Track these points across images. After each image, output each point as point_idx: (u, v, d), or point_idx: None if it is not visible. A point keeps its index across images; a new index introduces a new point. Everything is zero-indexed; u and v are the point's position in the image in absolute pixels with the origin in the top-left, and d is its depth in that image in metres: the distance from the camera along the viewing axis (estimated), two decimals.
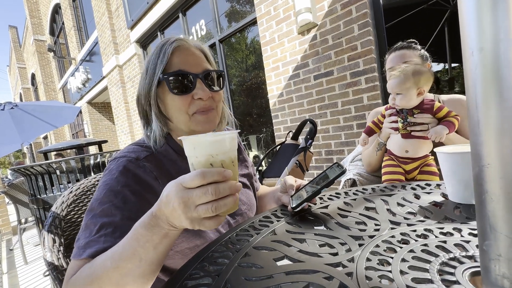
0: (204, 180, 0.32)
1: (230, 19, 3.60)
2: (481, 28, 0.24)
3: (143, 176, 0.52)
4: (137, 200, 0.49)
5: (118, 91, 5.65)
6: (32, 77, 14.80)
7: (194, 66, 0.56)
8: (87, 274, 0.40)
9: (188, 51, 0.57)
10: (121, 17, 5.22)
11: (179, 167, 0.58)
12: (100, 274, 0.39)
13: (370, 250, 0.39)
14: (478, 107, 0.25)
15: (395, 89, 0.91)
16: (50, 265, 0.64)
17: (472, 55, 0.25)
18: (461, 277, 0.30)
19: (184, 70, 0.55)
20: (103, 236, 0.45)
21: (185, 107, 0.55)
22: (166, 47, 0.55)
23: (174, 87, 0.54)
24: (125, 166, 0.52)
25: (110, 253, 0.41)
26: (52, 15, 10.14)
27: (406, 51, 1.07)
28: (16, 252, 3.02)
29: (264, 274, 0.37)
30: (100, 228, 0.46)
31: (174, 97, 0.55)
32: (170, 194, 0.34)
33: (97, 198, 0.49)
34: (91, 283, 0.39)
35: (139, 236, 0.38)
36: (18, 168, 1.63)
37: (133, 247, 0.38)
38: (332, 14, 2.16)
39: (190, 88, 0.55)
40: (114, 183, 0.50)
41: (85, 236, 0.46)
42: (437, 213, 0.49)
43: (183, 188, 0.33)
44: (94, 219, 0.47)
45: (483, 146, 0.25)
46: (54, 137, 12.14)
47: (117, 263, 0.38)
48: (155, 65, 0.55)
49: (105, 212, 0.47)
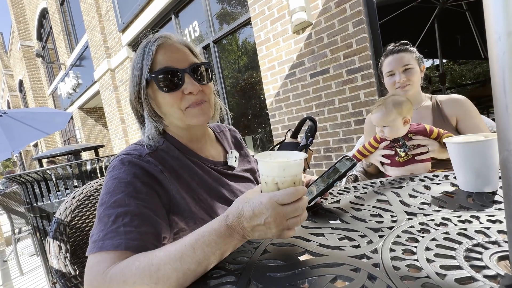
0: (296, 198, 0.38)
1: (224, 20, 3.59)
2: (509, 12, 0.24)
3: (150, 169, 0.52)
4: (148, 191, 0.49)
5: (111, 95, 5.56)
6: (20, 84, 14.44)
7: (180, 62, 0.56)
8: (147, 273, 0.37)
9: (172, 47, 0.57)
10: (112, 20, 5.15)
11: (182, 162, 0.58)
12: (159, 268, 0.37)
13: (392, 241, 0.39)
14: (507, 91, 0.25)
15: (381, 123, 0.94)
16: (57, 272, 0.62)
17: (500, 40, 0.25)
18: (489, 262, 0.31)
19: (170, 67, 0.54)
20: (121, 227, 0.43)
21: (177, 103, 0.55)
22: (149, 46, 0.55)
23: (164, 85, 0.54)
24: (131, 161, 0.51)
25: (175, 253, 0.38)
26: (39, 20, 9.92)
27: (404, 54, 1.09)
28: (10, 263, 2.93)
29: (288, 269, 0.37)
30: (116, 219, 0.44)
31: (165, 95, 0.55)
32: (263, 210, 0.37)
33: (107, 192, 0.48)
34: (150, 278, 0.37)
35: (212, 243, 0.38)
36: (13, 176, 1.58)
37: (205, 252, 0.38)
38: (326, 12, 2.18)
39: (179, 84, 0.55)
40: (123, 175, 0.49)
41: (100, 229, 0.44)
42: (451, 202, 0.49)
43: (278, 205, 0.37)
44: (107, 211, 0.45)
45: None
46: (45, 144, 11.86)
47: (188, 266, 0.37)
48: (141, 66, 0.55)
49: (118, 202, 0.46)
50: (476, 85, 5.84)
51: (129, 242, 0.42)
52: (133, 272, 0.38)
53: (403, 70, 1.08)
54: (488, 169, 0.50)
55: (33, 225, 1.69)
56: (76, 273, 0.65)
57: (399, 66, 1.08)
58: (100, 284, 0.38)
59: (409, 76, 1.07)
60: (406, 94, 1.08)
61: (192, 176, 0.58)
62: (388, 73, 1.12)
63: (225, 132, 0.78)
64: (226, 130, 0.79)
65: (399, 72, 1.08)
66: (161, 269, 0.37)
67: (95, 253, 0.42)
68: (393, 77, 1.10)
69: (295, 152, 0.45)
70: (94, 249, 0.42)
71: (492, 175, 0.50)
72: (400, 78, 1.07)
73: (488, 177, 0.51)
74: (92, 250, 0.42)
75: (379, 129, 0.96)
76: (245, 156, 0.77)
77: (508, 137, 0.26)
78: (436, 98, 1.13)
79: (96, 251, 0.42)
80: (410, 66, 1.07)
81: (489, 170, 0.50)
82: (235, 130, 0.82)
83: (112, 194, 0.47)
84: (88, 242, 0.76)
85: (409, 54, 1.09)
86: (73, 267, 0.65)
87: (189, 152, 0.61)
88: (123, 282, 0.37)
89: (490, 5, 0.25)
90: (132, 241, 0.42)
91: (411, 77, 1.07)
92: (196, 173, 0.59)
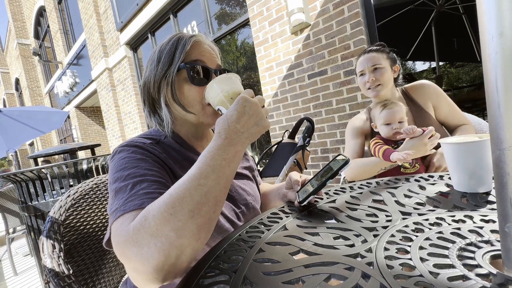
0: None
1: (223, 20, 3.60)
2: (501, 13, 0.24)
3: (155, 153, 0.53)
4: (159, 167, 0.49)
5: (108, 95, 5.53)
6: (16, 82, 14.32)
7: (210, 60, 0.59)
8: (163, 202, 0.37)
9: (206, 46, 0.60)
10: (110, 19, 5.13)
11: (184, 154, 0.59)
12: (180, 196, 0.37)
13: (386, 240, 0.39)
14: (499, 90, 0.25)
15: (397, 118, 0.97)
16: (50, 272, 0.61)
17: (492, 40, 0.25)
18: (481, 261, 0.31)
19: (203, 62, 0.57)
20: (140, 190, 0.42)
21: (201, 98, 0.57)
22: (185, 39, 0.57)
23: (194, 77, 0.56)
24: (137, 145, 0.52)
25: (184, 178, 0.40)
26: (37, 18, 9.85)
27: (375, 54, 1.08)
28: (4, 263, 2.90)
29: (283, 268, 0.36)
30: (134, 186, 0.43)
31: (191, 87, 0.56)
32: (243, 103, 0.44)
33: (119, 169, 0.47)
34: (173, 206, 0.36)
35: (215, 155, 0.41)
36: (7, 175, 1.57)
37: (210, 165, 0.40)
38: (324, 14, 2.19)
39: (207, 80, 0.57)
40: (132, 155, 0.49)
41: (119, 198, 0.42)
42: (445, 202, 0.50)
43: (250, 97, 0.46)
44: (124, 182, 0.44)
45: (504, 129, 0.26)
46: (41, 143, 11.76)
47: (198, 181, 0.39)
48: (172, 54, 0.56)
49: (133, 175, 0.45)
50: (472, 87, 5.89)
51: (151, 201, 0.41)
52: (150, 209, 0.37)
53: (373, 69, 1.07)
54: (482, 170, 0.51)
55: (28, 225, 1.67)
56: (70, 272, 0.64)
57: (369, 66, 1.07)
58: (126, 237, 0.37)
59: (378, 76, 1.06)
60: (378, 94, 1.07)
61: None
62: (359, 72, 1.12)
63: None
64: None
65: (368, 72, 1.08)
66: (173, 194, 0.38)
67: (117, 218, 0.40)
68: (364, 76, 1.10)
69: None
70: (117, 214, 0.40)
71: (486, 175, 0.51)
72: (369, 78, 1.07)
73: (482, 178, 0.51)
74: (115, 216, 0.41)
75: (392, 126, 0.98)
76: (244, 154, 0.78)
77: (500, 136, 0.26)
78: (402, 88, 1.15)
79: (118, 215, 0.40)
80: (380, 66, 1.06)
81: (483, 170, 0.51)
82: None
83: (125, 169, 0.46)
84: (82, 241, 0.75)
85: (380, 54, 1.08)
86: (67, 266, 0.65)
87: (190, 148, 0.62)
88: (144, 221, 0.36)
89: (483, 5, 0.25)
90: (154, 199, 0.41)
91: (380, 77, 1.06)
92: None
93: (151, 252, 0.35)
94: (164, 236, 0.35)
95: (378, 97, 1.09)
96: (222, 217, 0.59)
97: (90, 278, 0.73)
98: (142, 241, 0.35)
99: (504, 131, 0.26)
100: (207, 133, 0.69)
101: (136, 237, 0.36)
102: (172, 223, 0.36)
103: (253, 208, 0.67)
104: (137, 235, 0.36)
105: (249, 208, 0.66)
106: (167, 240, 0.35)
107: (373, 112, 1.09)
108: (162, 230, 0.35)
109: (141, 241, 0.35)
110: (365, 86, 1.11)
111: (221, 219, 0.58)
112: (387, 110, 0.98)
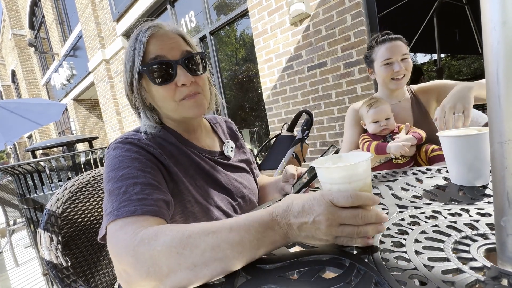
0: (355, 202, 0.34)
1: (221, 10, 3.52)
2: (505, 1, 0.23)
3: (150, 150, 0.52)
4: (153, 166, 0.49)
5: (106, 87, 5.47)
6: (12, 74, 14.13)
7: (173, 52, 0.54)
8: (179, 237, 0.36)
9: (164, 36, 0.55)
10: (106, 9, 5.02)
11: (179, 148, 0.59)
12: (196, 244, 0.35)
13: (382, 233, 0.39)
14: (500, 82, 0.25)
15: (384, 115, 1.00)
16: (48, 264, 0.62)
17: (494, 29, 0.24)
18: (476, 254, 0.31)
19: (162, 58, 0.53)
20: (134, 195, 0.43)
21: (171, 96, 0.55)
22: (141, 36, 0.53)
23: (156, 77, 0.53)
24: (131, 142, 0.52)
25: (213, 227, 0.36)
26: (31, 8, 9.63)
27: (401, 43, 1.02)
28: (6, 255, 2.93)
29: (278, 261, 0.36)
30: (126, 189, 0.43)
31: (158, 88, 0.55)
32: (315, 206, 0.34)
33: (112, 169, 0.47)
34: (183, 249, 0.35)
35: (251, 229, 0.35)
36: (5, 168, 1.56)
37: (242, 236, 0.35)
38: (324, 4, 2.14)
39: (172, 75, 0.54)
40: (126, 153, 0.49)
41: (113, 201, 0.43)
42: (442, 195, 0.49)
43: (333, 205, 0.34)
44: (117, 184, 0.44)
45: (504, 122, 0.25)
46: (39, 136, 11.72)
47: (220, 243, 0.34)
48: (133, 57, 0.54)
49: (126, 176, 0.45)
50: (473, 80, 5.86)
51: (145, 207, 0.42)
52: (166, 233, 0.37)
53: (402, 59, 1.01)
54: (480, 163, 0.50)
55: (27, 217, 1.68)
56: (68, 264, 0.64)
57: (398, 55, 1.00)
58: (130, 244, 0.37)
59: (407, 66, 1.02)
60: (399, 86, 1.03)
61: (190, 162, 0.59)
62: (386, 61, 1.02)
63: (221, 124, 0.78)
64: (222, 122, 0.79)
65: (398, 61, 1.00)
66: (192, 236, 0.36)
67: (113, 221, 0.41)
68: (391, 66, 1.01)
69: (356, 153, 0.44)
70: (111, 218, 0.41)
71: (484, 169, 0.51)
72: (400, 68, 0.99)
73: (480, 171, 0.51)
74: (109, 219, 0.41)
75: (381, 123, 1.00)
76: (241, 147, 0.78)
77: (499, 129, 0.26)
78: (411, 88, 1.13)
79: (113, 219, 0.41)
80: (407, 57, 1.02)
81: (481, 164, 0.50)
82: (231, 121, 0.82)
83: (119, 169, 0.46)
84: (80, 234, 0.76)
85: (404, 43, 1.03)
86: (65, 258, 0.65)
87: (185, 141, 0.61)
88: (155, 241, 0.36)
89: None
90: (147, 206, 0.42)
91: (408, 68, 1.02)
92: (193, 160, 0.59)
93: (143, 271, 0.36)
94: (159, 267, 0.35)
95: (398, 89, 1.05)
96: (218, 210, 0.59)
97: (88, 270, 0.74)
98: (141, 256, 0.36)
99: (503, 124, 0.25)
100: (201, 123, 0.68)
101: (138, 249, 0.36)
102: (173, 261, 0.35)
103: (250, 201, 0.67)
104: (140, 248, 0.36)
105: (246, 200, 0.66)
106: (160, 271, 0.35)
107: (361, 111, 1.08)
108: (161, 260, 0.35)
109: (140, 257, 0.36)
110: (389, 75, 1.02)
111: (217, 212, 0.58)
112: (374, 109, 1.01)
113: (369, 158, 0.38)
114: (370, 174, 0.39)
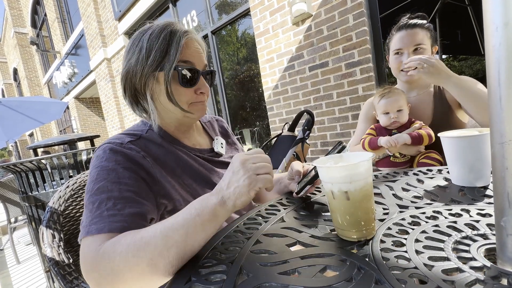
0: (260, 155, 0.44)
1: (223, 9, 3.52)
2: (507, 2, 0.23)
3: (131, 155, 0.52)
4: (130, 175, 0.50)
5: (107, 85, 5.48)
6: (14, 72, 14.16)
7: (199, 61, 0.59)
8: (132, 242, 0.39)
9: (195, 44, 0.59)
10: (108, 7, 5.03)
11: (166, 149, 0.59)
12: (148, 241, 0.39)
13: (383, 233, 0.39)
14: (501, 83, 0.25)
15: (395, 106, 0.93)
16: (51, 260, 0.62)
17: (496, 31, 0.24)
18: (476, 254, 0.31)
19: (192, 64, 0.58)
20: (105, 211, 0.45)
21: (187, 98, 0.58)
22: (178, 35, 0.55)
23: (184, 79, 0.57)
24: (112, 148, 0.52)
25: (162, 222, 0.41)
26: (33, 6, 9.65)
27: (418, 31, 0.92)
28: (7, 252, 2.95)
29: (279, 259, 0.37)
30: (99, 204, 0.46)
31: (179, 88, 0.57)
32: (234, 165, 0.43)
33: (90, 181, 0.49)
34: (138, 250, 0.38)
35: (192, 209, 0.41)
36: (7, 165, 1.57)
37: (184, 218, 0.40)
38: (327, 4, 2.14)
39: (194, 82, 0.58)
40: (104, 164, 0.50)
41: (86, 215, 0.46)
42: (443, 196, 0.50)
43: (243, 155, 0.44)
44: (92, 198, 0.47)
45: (504, 123, 0.25)
46: (40, 134, 11.74)
47: (167, 232, 0.39)
48: (165, 51, 0.54)
49: (101, 189, 0.47)
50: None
51: (112, 225, 0.44)
52: (121, 243, 0.40)
53: (413, 49, 0.93)
54: (481, 164, 0.50)
55: (28, 215, 1.68)
56: (70, 261, 0.65)
57: (410, 45, 0.92)
58: (93, 260, 0.40)
59: None
60: (411, 78, 0.94)
61: (177, 162, 0.59)
62: (396, 50, 0.95)
63: (212, 123, 0.79)
64: (213, 121, 0.80)
65: (408, 52, 0.93)
66: (144, 236, 0.40)
67: (84, 237, 0.44)
68: (400, 56, 0.95)
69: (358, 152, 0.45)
70: (82, 234, 0.44)
71: (485, 169, 0.51)
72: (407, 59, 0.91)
73: (481, 172, 0.51)
74: (81, 235, 0.45)
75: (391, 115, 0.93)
76: (233, 144, 0.79)
77: (500, 130, 0.26)
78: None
79: (84, 236, 0.44)
80: (423, 46, 0.91)
81: (482, 164, 0.50)
82: (222, 120, 0.84)
83: (95, 182, 0.48)
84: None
85: (424, 31, 0.92)
86: (67, 255, 0.66)
87: (173, 140, 0.62)
88: (113, 253, 0.40)
89: None
90: (115, 223, 0.44)
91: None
92: (180, 159, 0.60)
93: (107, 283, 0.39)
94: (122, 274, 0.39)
95: (409, 82, 0.98)
96: None
97: None
98: (103, 272, 0.39)
99: (504, 125, 0.25)
100: (192, 126, 0.69)
101: (100, 265, 0.40)
102: (131, 264, 0.38)
103: None
104: (102, 263, 0.40)
105: None
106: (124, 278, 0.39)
107: (374, 101, 1.02)
108: (121, 268, 0.39)
109: (102, 272, 0.39)
110: (398, 67, 0.96)
111: None
112: (386, 99, 0.94)
113: (370, 158, 0.38)
114: (371, 174, 0.40)
